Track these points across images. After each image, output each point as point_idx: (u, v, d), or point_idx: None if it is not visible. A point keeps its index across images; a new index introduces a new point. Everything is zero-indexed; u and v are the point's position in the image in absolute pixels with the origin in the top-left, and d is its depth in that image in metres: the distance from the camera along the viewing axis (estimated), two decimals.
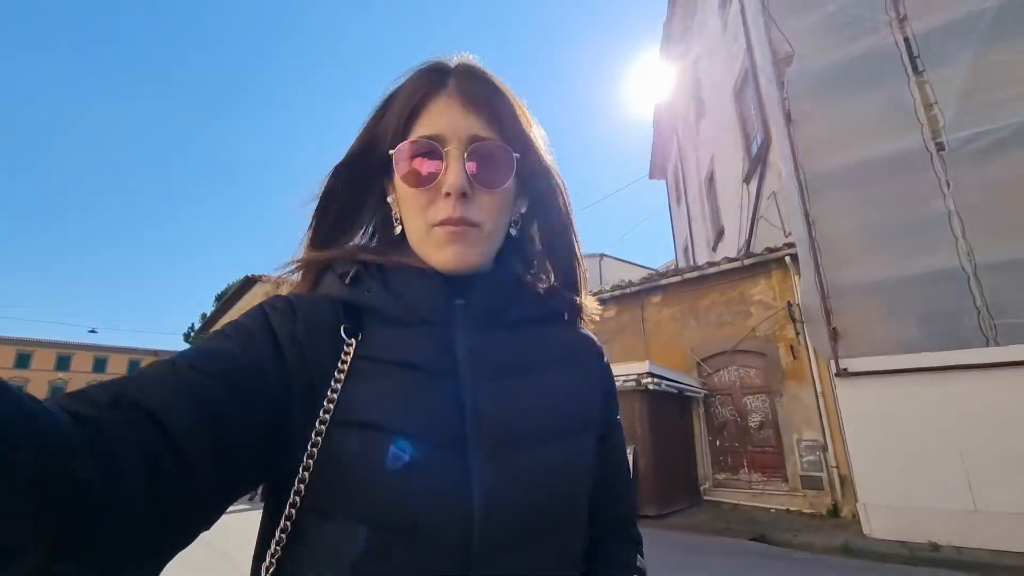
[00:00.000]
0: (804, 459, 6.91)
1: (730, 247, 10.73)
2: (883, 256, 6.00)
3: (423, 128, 0.52)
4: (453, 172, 0.50)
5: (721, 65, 10.77)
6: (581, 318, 0.63)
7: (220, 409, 0.37)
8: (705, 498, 7.83)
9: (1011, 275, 5.35)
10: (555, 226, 0.61)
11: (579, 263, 0.63)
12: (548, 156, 0.59)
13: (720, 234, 12.09)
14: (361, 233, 0.60)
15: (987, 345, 5.24)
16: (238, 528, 1.96)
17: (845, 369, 5.86)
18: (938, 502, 5.14)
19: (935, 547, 4.97)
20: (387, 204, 0.58)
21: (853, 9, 6.68)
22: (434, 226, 0.51)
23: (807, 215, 6.40)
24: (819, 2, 6.99)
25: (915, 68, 6.09)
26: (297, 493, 0.42)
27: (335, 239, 0.57)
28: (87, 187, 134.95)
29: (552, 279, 0.63)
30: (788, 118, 6.74)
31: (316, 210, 0.57)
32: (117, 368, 44.47)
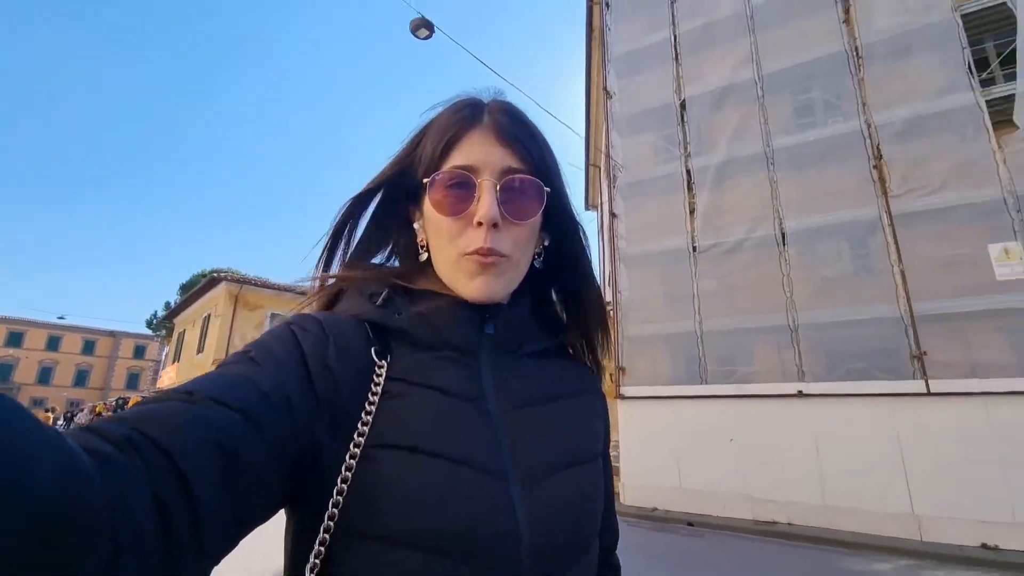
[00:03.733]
0: None
1: None
2: (658, 317, 8.86)
3: (458, 158, 0.54)
4: (486, 203, 0.51)
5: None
6: (598, 374, 0.66)
7: (240, 448, 0.36)
8: None
9: (727, 338, 8.26)
10: (577, 260, 0.63)
11: (602, 303, 0.65)
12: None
13: None
14: (381, 255, 0.61)
15: (703, 383, 8.12)
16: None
17: (623, 394, 8.68)
18: (660, 482, 7.99)
19: (654, 509, 7.82)
20: (409, 229, 0.60)
21: (662, 142, 9.59)
22: (464, 255, 0.52)
23: (615, 285, 9.22)
24: (645, 130, 9.86)
25: (689, 189, 8.98)
26: (331, 518, 0.41)
27: (359, 260, 0.59)
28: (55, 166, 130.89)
29: (564, 313, 0.65)
30: (612, 214, 9.57)
31: (345, 231, 0.59)
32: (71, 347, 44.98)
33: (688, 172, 9.05)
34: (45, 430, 0.25)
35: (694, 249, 8.66)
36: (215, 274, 22.34)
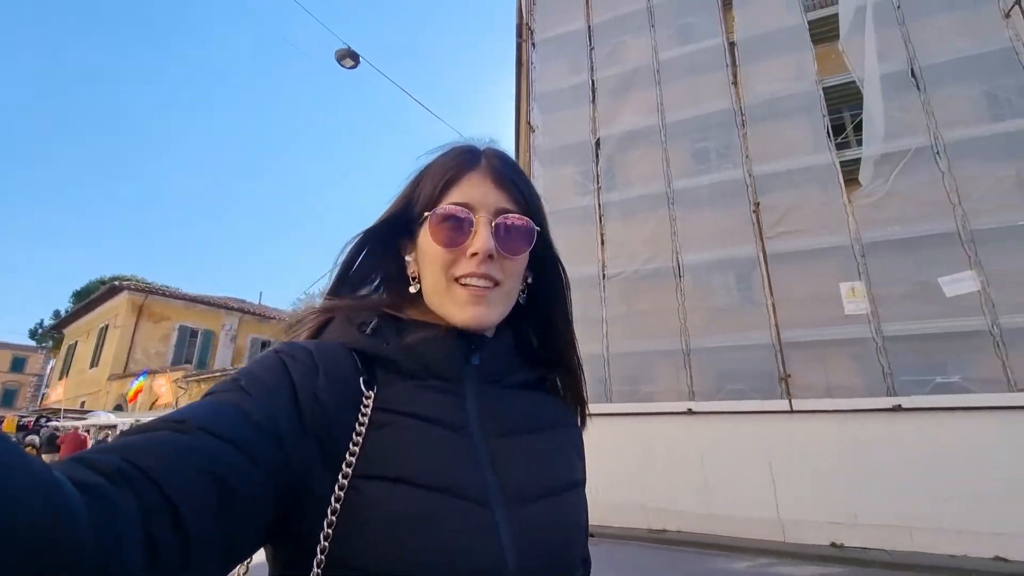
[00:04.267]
0: None
1: None
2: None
3: (456, 196, 0.57)
4: (482, 236, 0.55)
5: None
6: (579, 410, 0.68)
7: (231, 479, 0.36)
8: None
9: (631, 360, 8.95)
10: (555, 299, 0.66)
11: (577, 348, 0.68)
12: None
13: None
14: (368, 287, 0.63)
15: (608, 402, 8.72)
16: None
17: None
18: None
19: None
20: (400, 262, 0.62)
21: (579, 176, 10.33)
22: (457, 279, 0.55)
23: None
24: (565, 164, 10.57)
25: (600, 223, 9.71)
26: (323, 551, 0.42)
27: (350, 290, 0.61)
28: None
29: (540, 347, 0.67)
30: None
31: (345, 262, 0.61)
32: None
33: (600, 205, 9.81)
34: (30, 462, 0.25)
35: (603, 276, 9.36)
36: (117, 281, 20.64)
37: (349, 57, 6.74)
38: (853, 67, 8.34)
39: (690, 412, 7.87)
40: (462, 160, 0.59)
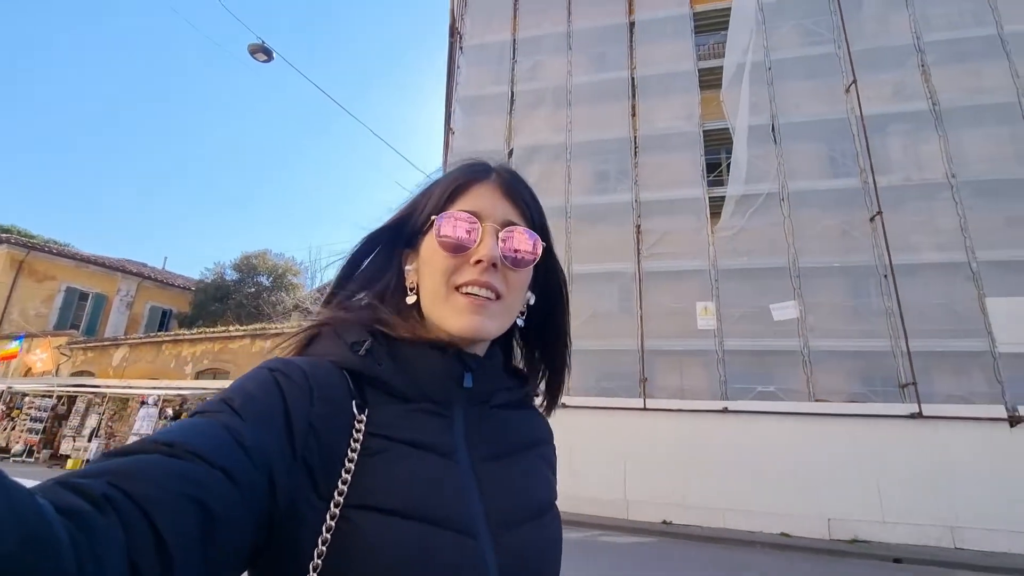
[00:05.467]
0: None
1: None
2: None
3: (464, 204, 0.57)
4: (487, 244, 0.54)
5: None
6: (544, 412, 0.69)
7: (219, 507, 0.35)
8: None
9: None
10: (558, 319, 0.65)
11: (568, 368, 0.68)
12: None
13: None
14: (367, 294, 0.61)
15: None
16: None
17: None
18: None
19: None
20: (398, 271, 0.61)
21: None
22: (458, 288, 0.54)
23: None
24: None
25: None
26: None
27: (350, 293, 0.60)
28: None
29: (539, 363, 0.68)
30: None
31: (349, 263, 0.61)
32: None
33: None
34: (10, 486, 0.24)
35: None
36: None
37: (262, 52, 6.85)
38: (728, 116, 9.61)
39: (564, 406, 8.76)
40: (473, 171, 0.60)
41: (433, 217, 0.56)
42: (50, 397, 12.81)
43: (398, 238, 0.61)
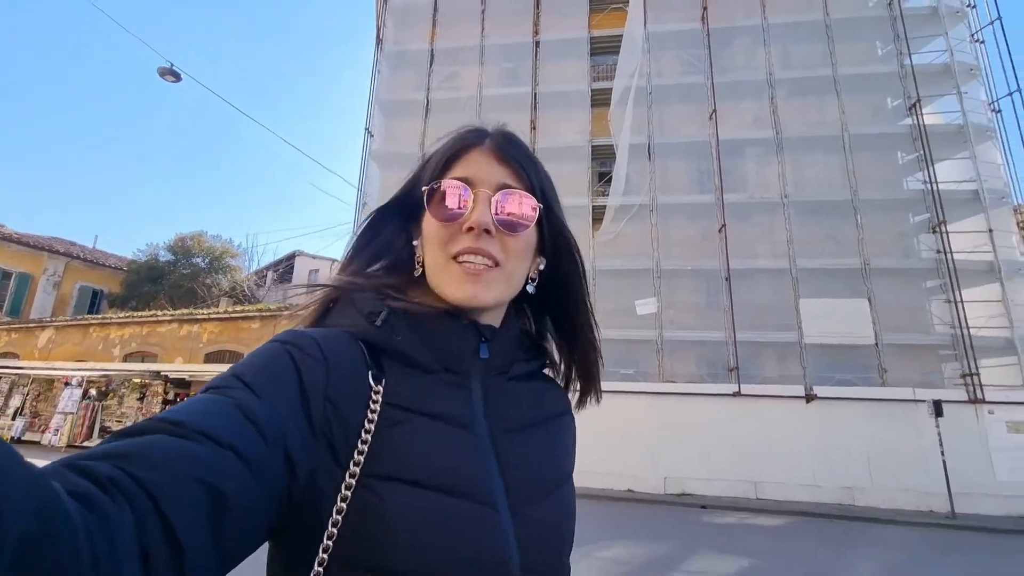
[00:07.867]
0: None
1: None
2: None
3: (457, 171, 0.55)
4: (479, 210, 0.53)
5: None
6: (582, 398, 0.66)
7: (230, 488, 0.34)
8: None
9: None
10: (571, 285, 0.62)
11: (595, 331, 0.65)
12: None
13: None
14: (381, 263, 0.60)
15: None
16: None
17: None
18: None
19: None
20: (409, 246, 0.60)
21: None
22: (455, 257, 0.53)
23: None
24: (403, 170, 12.11)
25: None
26: (326, 550, 0.41)
27: (362, 266, 0.59)
28: None
29: (555, 336, 0.66)
30: None
31: (360, 237, 0.61)
32: None
33: None
34: (27, 469, 0.25)
35: None
36: None
37: (171, 74, 7.41)
38: (613, 133, 10.95)
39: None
40: (467, 138, 0.58)
41: (424, 188, 0.55)
42: None
43: (405, 211, 0.60)
